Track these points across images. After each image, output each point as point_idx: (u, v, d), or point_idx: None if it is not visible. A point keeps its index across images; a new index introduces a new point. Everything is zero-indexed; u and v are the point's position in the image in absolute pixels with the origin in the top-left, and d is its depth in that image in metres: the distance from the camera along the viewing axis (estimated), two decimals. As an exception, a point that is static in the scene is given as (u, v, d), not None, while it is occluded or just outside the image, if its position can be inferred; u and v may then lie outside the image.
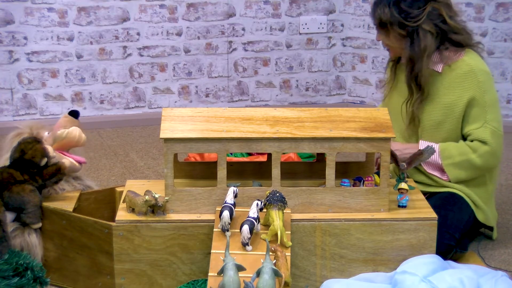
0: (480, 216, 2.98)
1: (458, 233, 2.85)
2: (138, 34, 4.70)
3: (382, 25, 2.97)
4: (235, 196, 2.54)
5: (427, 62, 2.91)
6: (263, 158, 3.24)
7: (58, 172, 2.73)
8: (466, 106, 2.92)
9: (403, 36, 2.93)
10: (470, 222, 2.95)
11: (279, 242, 2.41)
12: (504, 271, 2.71)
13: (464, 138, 2.97)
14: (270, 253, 2.33)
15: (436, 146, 2.92)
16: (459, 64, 2.93)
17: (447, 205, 2.84)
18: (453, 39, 2.94)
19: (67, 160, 2.80)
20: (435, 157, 2.92)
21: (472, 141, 2.93)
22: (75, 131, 2.83)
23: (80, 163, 2.86)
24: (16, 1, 4.46)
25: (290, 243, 2.45)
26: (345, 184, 2.72)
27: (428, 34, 2.90)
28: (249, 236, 2.41)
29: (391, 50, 3.06)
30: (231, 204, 2.49)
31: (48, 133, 2.86)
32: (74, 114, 2.89)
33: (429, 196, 2.89)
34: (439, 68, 2.95)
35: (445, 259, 2.67)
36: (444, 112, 2.95)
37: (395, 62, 3.13)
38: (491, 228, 3.12)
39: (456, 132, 2.97)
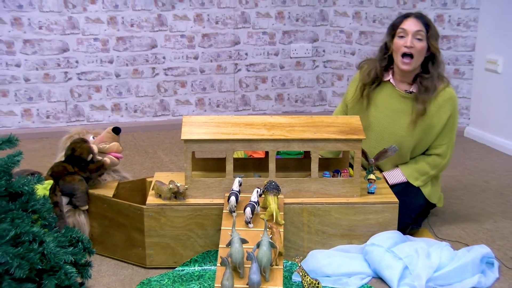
0: (426, 192, 2.94)
1: (414, 214, 2.84)
2: (164, 58, 4.70)
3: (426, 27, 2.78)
4: (240, 185, 2.53)
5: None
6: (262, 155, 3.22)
7: (101, 167, 2.74)
8: (443, 125, 2.84)
9: (428, 51, 2.80)
10: (424, 205, 2.94)
11: (274, 221, 2.41)
12: (448, 241, 2.72)
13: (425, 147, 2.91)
14: (267, 229, 2.33)
15: (398, 171, 2.88)
16: (441, 92, 2.82)
17: (406, 192, 2.83)
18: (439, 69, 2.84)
19: (108, 158, 2.79)
20: (400, 178, 2.88)
21: (430, 154, 2.89)
22: (113, 147, 2.82)
23: (118, 158, 2.85)
24: (71, 34, 4.46)
25: (283, 222, 2.44)
26: (326, 175, 2.72)
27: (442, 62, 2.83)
28: (251, 216, 2.41)
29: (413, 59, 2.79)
30: (237, 191, 2.49)
31: (93, 138, 2.86)
32: (116, 130, 2.83)
33: (392, 186, 2.89)
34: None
35: (404, 234, 2.68)
36: (424, 130, 2.85)
37: (365, 84, 2.90)
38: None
39: (420, 145, 2.90)
